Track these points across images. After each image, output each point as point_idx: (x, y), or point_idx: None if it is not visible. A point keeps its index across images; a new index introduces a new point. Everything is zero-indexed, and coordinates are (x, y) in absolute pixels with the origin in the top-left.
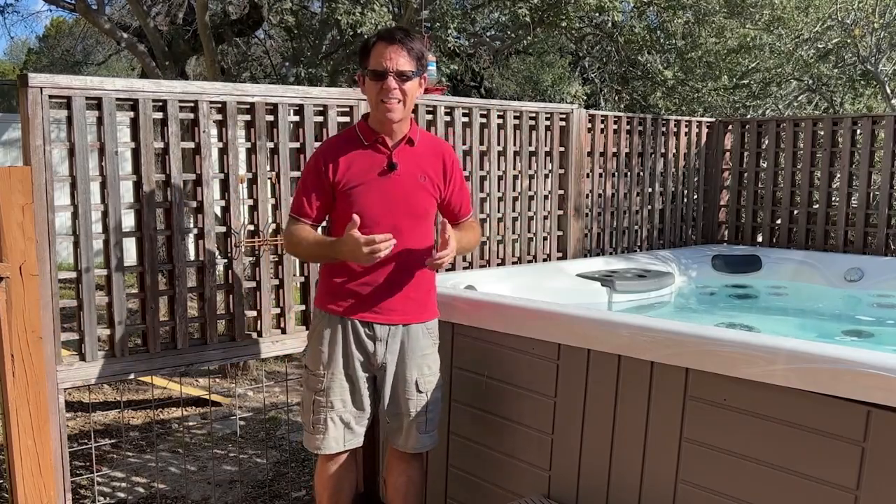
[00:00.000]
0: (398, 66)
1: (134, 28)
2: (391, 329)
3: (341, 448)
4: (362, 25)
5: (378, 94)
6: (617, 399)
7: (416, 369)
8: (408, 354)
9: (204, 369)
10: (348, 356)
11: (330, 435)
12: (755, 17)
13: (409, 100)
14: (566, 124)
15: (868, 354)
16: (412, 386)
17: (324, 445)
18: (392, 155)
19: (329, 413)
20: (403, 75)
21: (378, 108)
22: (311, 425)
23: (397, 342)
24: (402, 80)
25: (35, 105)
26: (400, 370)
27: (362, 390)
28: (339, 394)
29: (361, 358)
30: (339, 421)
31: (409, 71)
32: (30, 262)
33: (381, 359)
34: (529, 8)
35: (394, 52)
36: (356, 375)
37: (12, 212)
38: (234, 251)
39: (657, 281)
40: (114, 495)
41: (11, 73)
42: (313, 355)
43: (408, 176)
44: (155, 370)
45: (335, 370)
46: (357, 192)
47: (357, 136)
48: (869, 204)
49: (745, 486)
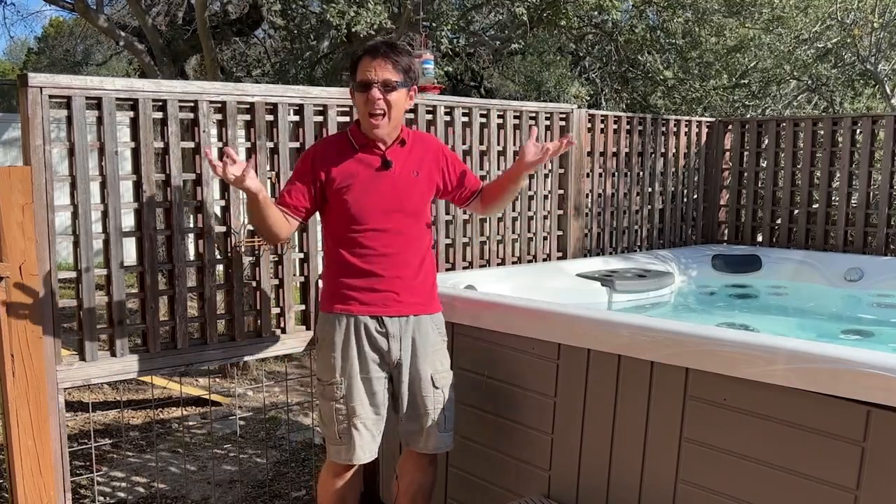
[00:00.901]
0: (382, 77)
1: (133, 28)
2: (402, 323)
3: (373, 456)
4: (356, 24)
5: (364, 105)
6: (617, 399)
7: (429, 365)
8: (420, 350)
9: (204, 369)
10: (363, 359)
11: (357, 443)
12: (755, 17)
13: (395, 111)
14: (566, 124)
15: (868, 354)
16: (428, 383)
17: (354, 456)
18: (385, 154)
19: (353, 420)
20: (388, 85)
21: (366, 123)
22: (336, 436)
23: (409, 338)
24: (386, 91)
25: (35, 105)
26: (415, 367)
27: (379, 393)
28: (358, 398)
29: (377, 358)
30: (364, 428)
31: (394, 81)
32: (30, 262)
33: (395, 356)
34: (528, 7)
35: (378, 65)
36: (372, 377)
37: (12, 212)
38: (234, 251)
39: (657, 281)
40: (114, 495)
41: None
42: (326, 366)
43: (402, 173)
44: (155, 370)
45: (352, 374)
46: (351, 189)
47: (349, 140)
48: (869, 204)
49: (745, 486)
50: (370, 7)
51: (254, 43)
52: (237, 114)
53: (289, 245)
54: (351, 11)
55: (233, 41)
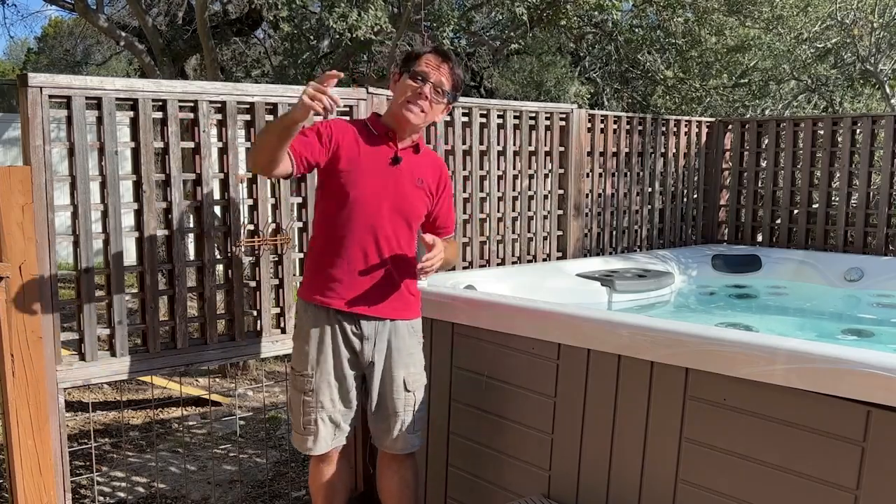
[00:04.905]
0: (439, 79)
1: (133, 28)
2: (378, 326)
3: (330, 447)
4: (357, 30)
5: (411, 94)
6: (617, 399)
7: (403, 368)
8: (394, 353)
9: (204, 369)
10: (337, 355)
11: (320, 435)
12: (755, 16)
13: (431, 115)
14: (566, 124)
15: (868, 354)
16: (401, 386)
17: (315, 446)
18: (398, 151)
19: (319, 413)
20: (441, 90)
21: (402, 107)
22: (301, 426)
23: (384, 340)
24: (437, 94)
25: (35, 105)
26: (387, 369)
27: (350, 388)
28: (327, 393)
29: (349, 356)
30: (329, 420)
31: (446, 89)
32: (30, 261)
33: (368, 357)
34: (528, 7)
35: (441, 66)
36: (344, 373)
37: (12, 212)
38: (235, 250)
39: (657, 281)
40: (114, 495)
41: (11, 73)
42: (299, 355)
43: (408, 175)
44: (155, 370)
45: (323, 369)
46: (357, 172)
47: (368, 127)
48: (869, 204)
49: (745, 486)
50: (371, 11)
51: (254, 43)
52: (237, 114)
53: (289, 245)
54: (353, 16)
55: (233, 41)
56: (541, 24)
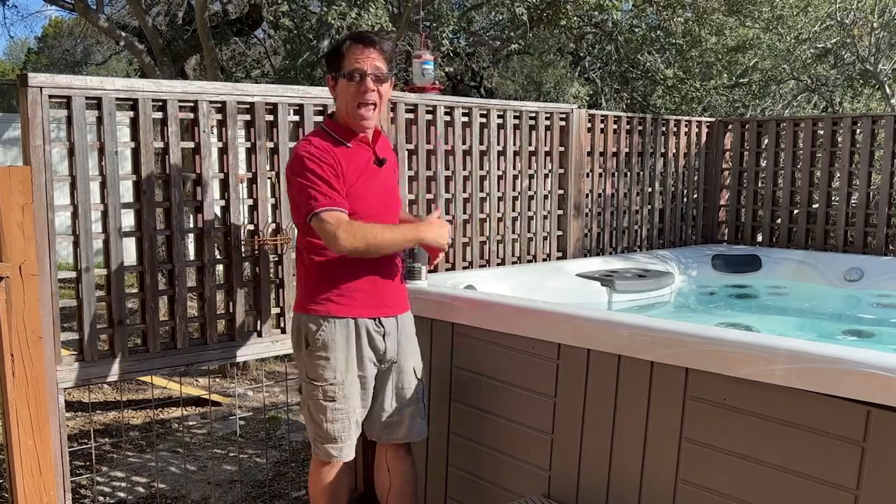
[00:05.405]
0: (375, 65)
1: (133, 28)
2: (396, 321)
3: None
4: (357, 28)
5: (356, 96)
6: (617, 399)
7: (412, 357)
8: (404, 344)
9: (204, 369)
10: (361, 358)
11: (352, 440)
12: (755, 16)
13: (383, 103)
14: (566, 124)
15: (868, 354)
16: (411, 374)
17: (349, 452)
18: (376, 150)
19: (351, 418)
20: (380, 75)
21: (354, 112)
22: (330, 436)
23: (399, 334)
24: (378, 82)
25: (35, 105)
26: (402, 361)
27: (370, 388)
28: (354, 397)
29: (373, 356)
30: (357, 426)
31: (384, 71)
32: (30, 262)
33: (390, 354)
34: (528, 7)
35: (369, 53)
36: (367, 375)
37: (12, 212)
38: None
39: (657, 281)
40: (114, 495)
41: (11, 73)
42: (324, 367)
43: (389, 169)
44: (155, 370)
45: (350, 375)
46: (357, 188)
47: (340, 141)
48: (869, 204)
49: (745, 486)
50: (371, 10)
51: (254, 43)
52: (237, 114)
53: (288, 245)
54: (352, 13)
55: (233, 41)
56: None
